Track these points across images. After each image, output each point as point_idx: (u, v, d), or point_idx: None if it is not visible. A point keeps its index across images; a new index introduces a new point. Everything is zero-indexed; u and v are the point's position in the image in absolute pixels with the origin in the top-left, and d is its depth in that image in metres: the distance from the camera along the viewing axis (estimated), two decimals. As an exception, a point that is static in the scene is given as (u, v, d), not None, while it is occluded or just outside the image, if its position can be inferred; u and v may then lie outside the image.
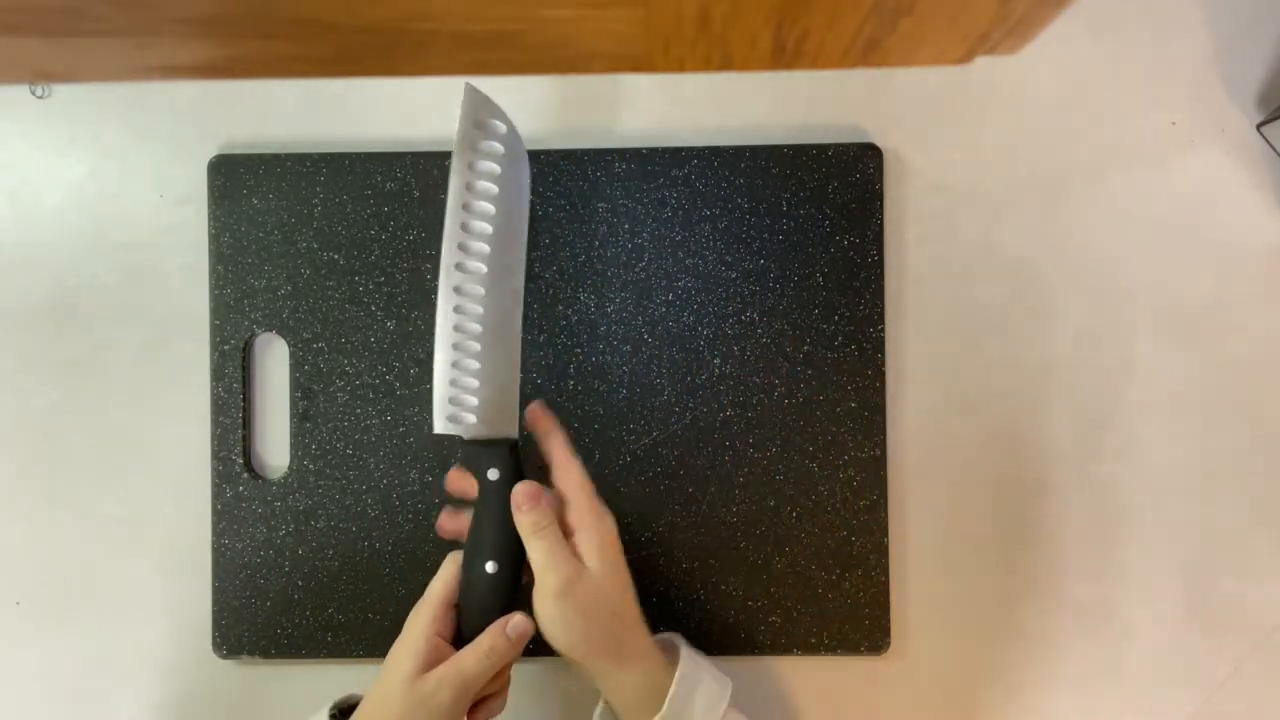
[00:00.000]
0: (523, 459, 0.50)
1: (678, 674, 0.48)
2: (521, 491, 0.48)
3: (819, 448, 0.56)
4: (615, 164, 0.57)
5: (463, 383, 0.49)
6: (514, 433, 0.50)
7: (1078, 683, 0.57)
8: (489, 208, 0.49)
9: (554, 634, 0.47)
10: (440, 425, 0.49)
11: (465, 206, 0.49)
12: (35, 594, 0.58)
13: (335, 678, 0.58)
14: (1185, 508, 0.57)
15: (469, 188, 0.49)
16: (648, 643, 0.49)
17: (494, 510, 0.49)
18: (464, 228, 0.49)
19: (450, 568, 0.50)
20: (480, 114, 0.49)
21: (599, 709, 0.50)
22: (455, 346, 0.49)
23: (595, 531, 0.48)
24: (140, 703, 0.58)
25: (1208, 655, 0.57)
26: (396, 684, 0.46)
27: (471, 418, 0.49)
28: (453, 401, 0.49)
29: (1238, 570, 0.57)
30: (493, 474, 0.49)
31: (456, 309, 0.49)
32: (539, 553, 0.47)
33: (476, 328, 0.49)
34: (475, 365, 0.49)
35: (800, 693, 0.57)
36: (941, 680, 0.57)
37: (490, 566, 0.49)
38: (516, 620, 0.48)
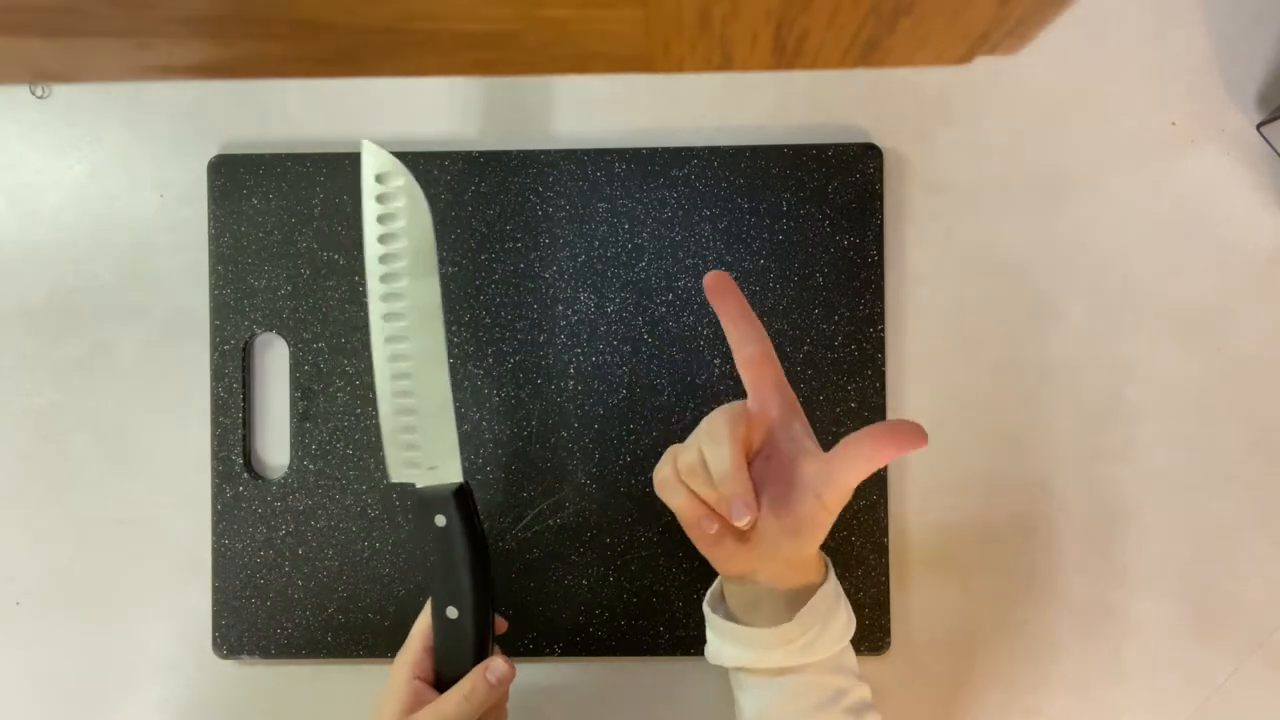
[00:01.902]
0: (473, 503, 0.49)
1: (821, 589, 0.46)
2: (910, 431, 0.45)
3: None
4: (615, 164, 0.57)
5: (401, 432, 0.50)
6: (457, 477, 0.49)
7: (1078, 683, 0.57)
8: (402, 260, 0.49)
9: (819, 530, 0.45)
10: (395, 475, 0.50)
11: (381, 259, 0.49)
12: (35, 594, 0.58)
13: (335, 678, 0.58)
14: (1185, 508, 0.57)
15: (381, 239, 0.49)
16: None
17: (445, 557, 0.49)
18: (383, 281, 0.49)
19: (427, 612, 0.50)
20: (380, 169, 0.49)
21: (714, 589, 0.50)
22: (391, 396, 0.49)
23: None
24: (140, 703, 0.58)
25: (1208, 655, 0.57)
26: None
27: (416, 467, 0.50)
28: (404, 451, 0.50)
29: (1238, 570, 0.57)
30: (440, 520, 0.49)
31: (392, 355, 0.49)
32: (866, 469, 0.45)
33: (406, 378, 0.49)
34: (410, 414, 0.49)
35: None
36: (941, 680, 0.57)
37: (451, 612, 0.49)
38: (495, 665, 0.48)
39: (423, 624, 0.50)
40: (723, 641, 0.48)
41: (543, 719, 0.58)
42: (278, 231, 0.57)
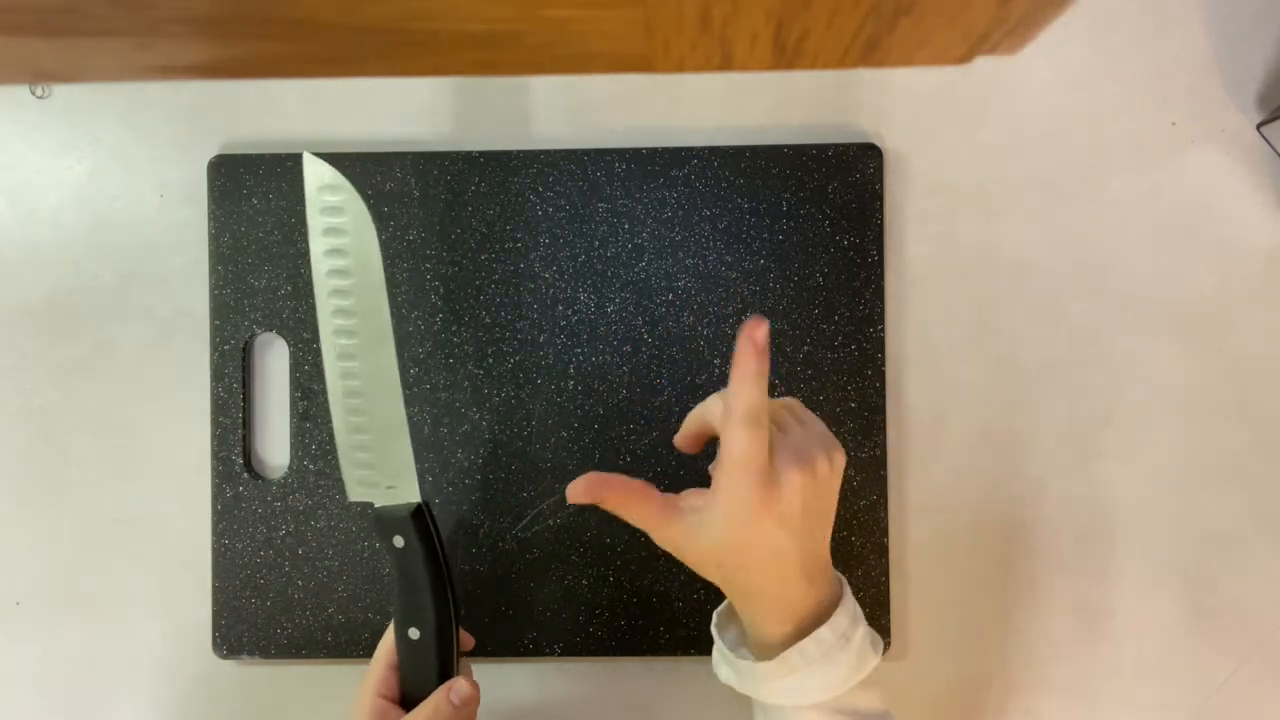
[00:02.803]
0: (433, 522, 0.49)
1: (815, 634, 0.42)
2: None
3: (819, 448, 0.56)
4: (615, 164, 0.57)
5: (356, 451, 0.49)
6: (415, 497, 0.49)
7: (1077, 683, 0.57)
8: (349, 275, 0.48)
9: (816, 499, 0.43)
10: (353, 494, 0.50)
11: (330, 274, 0.48)
12: (35, 594, 0.58)
13: (335, 678, 0.58)
14: (1185, 508, 0.57)
15: (328, 255, 0.48)
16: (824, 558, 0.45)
17: (404, 575, 0.49)
18: (333, 297, 0.48)
19: (392, 630, 0.50)
20: (323, 180, 0.48)
21: (722, 609, 0.48)
22: (344, 415, 0.49)
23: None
24: (140, 703, 0.58)
25: (1208, 655, 0.57)
26: None
27: (374, 486, 0.49)
28: (361, 470, 0.49)
29: (1238, 570, 0.57)
30: (398, 541, 0.48)
31: (342, 372, 0.48)
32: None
33: (358, 397, 0.49)
34: (364, 433, 0.49)
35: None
36: (941, 680, 0.57)
37: (413, 633, 0.48)
38: (459, 686, 0.48)
39: (387, 642, 0.50)
40: (721, 661, 0.46)
41: (543, 719, 0.58)
42: (278, 231, 0.57)
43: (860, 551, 0.56)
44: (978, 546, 0.58)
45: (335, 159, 0.57)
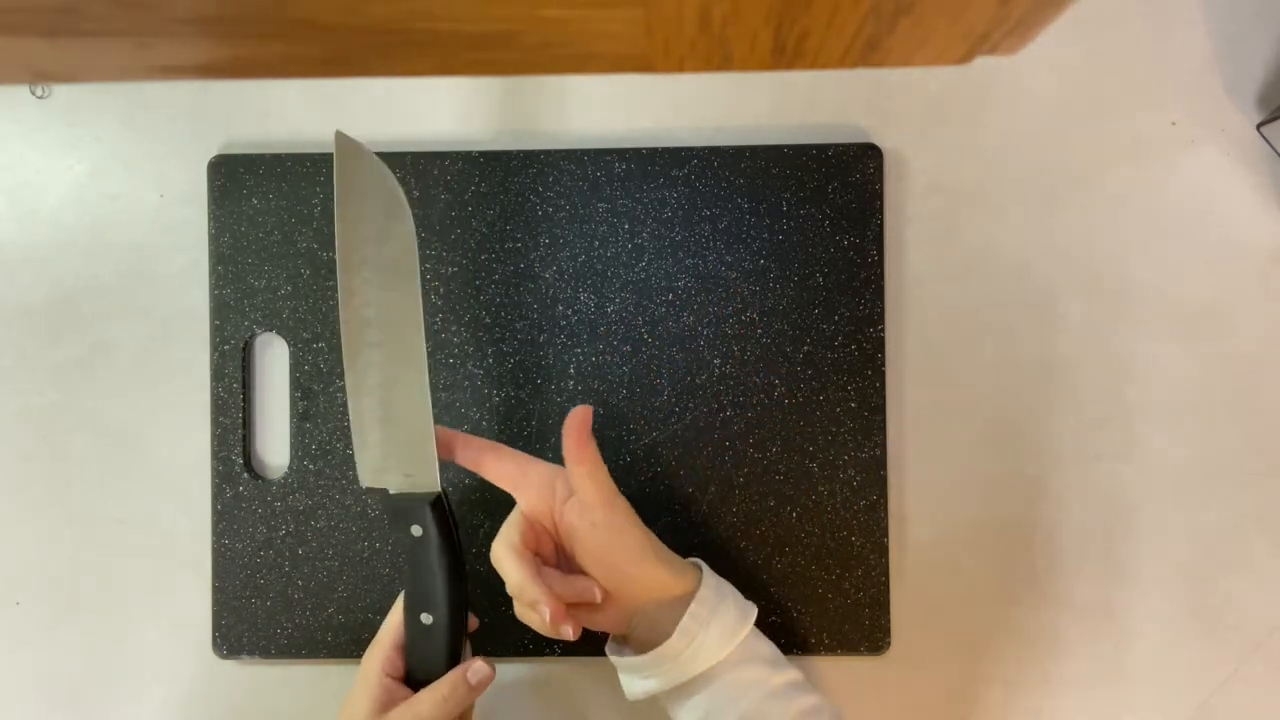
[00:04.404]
0: (451, 511, 0.49)
1: (698, 594, 0.47)
2: (580, 431, 0.47)
3: (819, 448, 0.56)
4: (615, 164, 0.57)
5: (375, 439, 0.48)
6: (435, 486, 0.48)
7: (1078, 683, 0.57)
8: (379, 256, 0.47)
9: (607, 537, 0.47)
10: (365, 479, 0.49)
11: (356, 259, 0.47)
12: (35, 594, 0.58)
13: (335, 678, 0.58)
14: (1185, 508, 0.57)
15: (355, 239, 0.47)
16: (670, 554, 0.50)
17: (423, 565, 0.48)
18: (357, 281, 0.47)
19: (398, 610, 0.50)
20: (354, 161, 0.47)
21: (609, 643, 0.51)
22: (366, 401, 0.48)
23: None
24: (140, 703, 0.58)
25: (1208, 655, 0.57)
26: None
27: (391, 474, 0.48)
28: (376, 457, 0.48)
29: (1238, 570, 0.57)
30: (416, 530, 0.48)
31: (365, 361, 0.48)
32: (597, 473, 0.47)
33: (385, 385, 0.48)
34: (387, 420, 0.48)
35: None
36: (941, 680, 0.57)
37: (425, 618, 0.48)
38: (477, 667, 0.48)
39: (393, 621, 0.49)
40: (629, 677, 0.49)
41: (543, 719, 0.58)
42: (278, 231, 0.57)
43: (860, 551, 0.56)
44: (978, 546, 0.58)
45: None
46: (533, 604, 0.46)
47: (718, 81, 0.59)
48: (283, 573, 0.57)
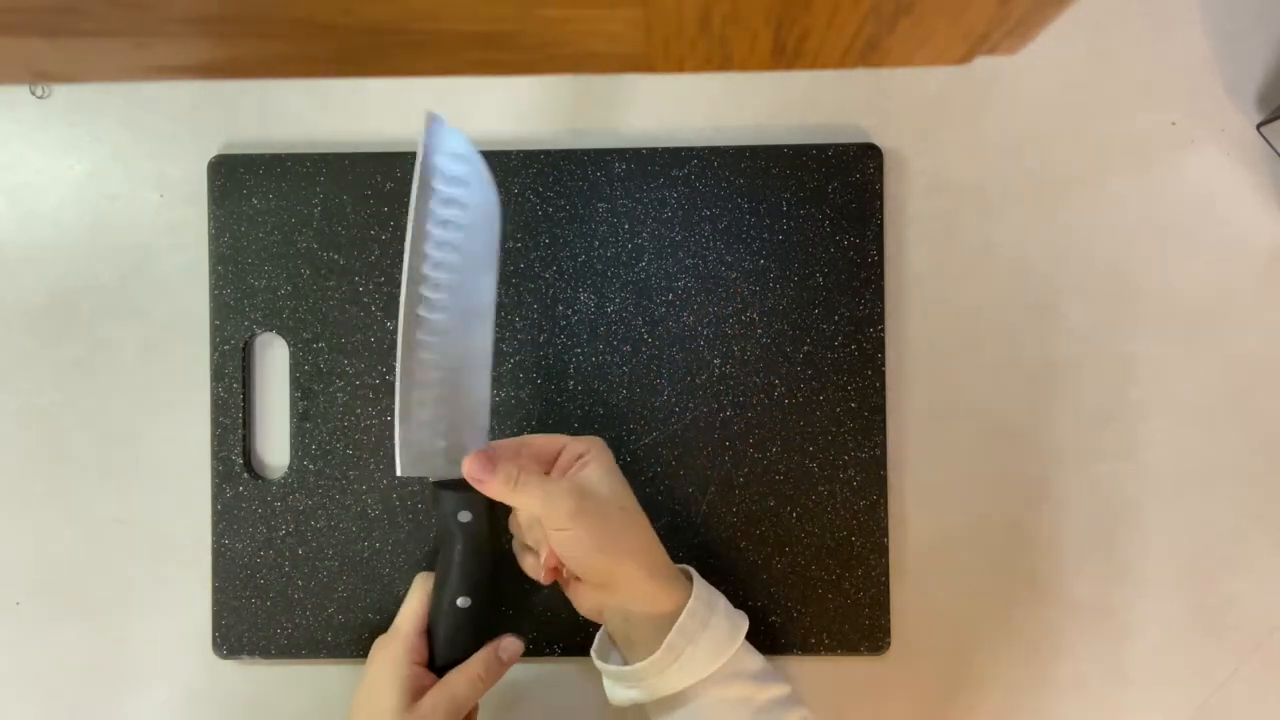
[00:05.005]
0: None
1: (686, 608, 0.46)
2: (471, 466, 0.46)
3: (819, 448, 0.56)
4: (615, 164, 0.57)
5: (429, 422, 0.47)
6: None
7: (1078, 683, 0.57)
8: (455, 236, 0.46)
9: (576, 551, 0.46)
10: (404, 468, 0.47)
11: (429, 237, 0.46)
12: (35, 594, 0.58)
13: (335, 678, 0.58)
14: (1185, 508, 0.57)
15: (432, 218, 0.46)
16: (664, 552, 0.49)
17: (466, 549, 0.48)
18: (428, 257, 0.46)
19: (418, 597, 0.49)
20: (444, 144, 0.46)
21: (599, 635, 0.50)
22: (421, 383, 0.47)
23: (592, 448, 0.48)
24: (140, 702, 0.58)
25: (1208, 655, 0.57)
26: (387, 713, 0.46)
27: (439, 460, 0.47)
28: (418, 442, 0.47)
29: (1238, 570, 0.57)
30: (464, 517, 0.48)
31: (423, 343, 0.46)
32: (534, 498, 0.45)
33: (445, 362, 0.47)
34: (444, 404, 0.47)
35: (800, 693, 0.57)
36: (941, 680, 0.57)
37: (462, 601, 0.48)
38: (509, 642, 0.48)
39: (414, 608, 0.49)
40: (612, 684, 0.48)
41: (543, 719, 0.58)
42: (278, 231, 0.57)
43: (860, 551, 0.56)
44: (978, 546, 0.58)
45: (335, 159, 0.57)
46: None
47: (718, 81, 0.59)
48: (283, 573, 0.57)
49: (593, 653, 0.50)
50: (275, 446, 0.58)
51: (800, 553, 0.56)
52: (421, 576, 0.51)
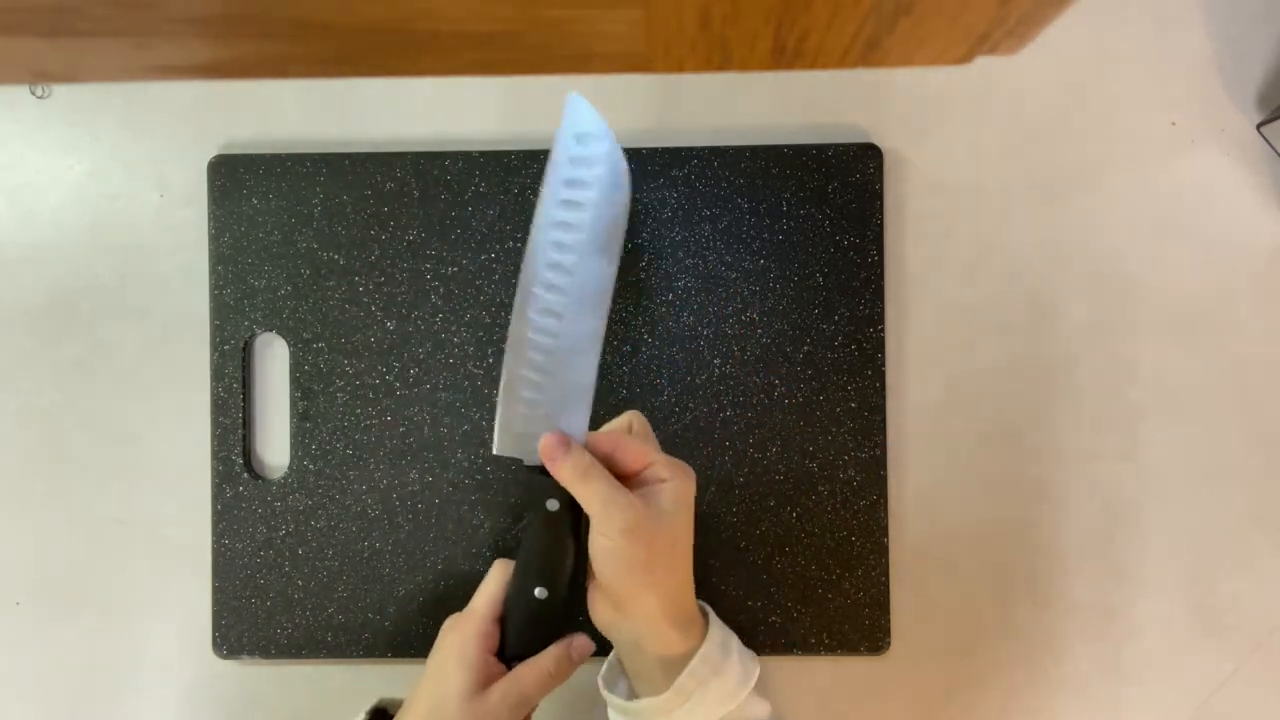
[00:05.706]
0: None
1: (700, 652, 0.45)
2: (547, 444, 0.45)
3: (819, 448, 0.56)
4: (615, 164, 0.57)
5: (531, 404, 0.46)
6: None
7: (1078, 683, 0.57)
8: (582, 233, 0.46)
9: (606, 562, 0.45)
10: (501, 446, 0.47)
11: (558, 225, 0.46)
12: (35, 594, 0.58)
13: (335, 678, 0.58)
14: (1185, 508, 0.57)
15: (565, 205, 0.46)
16: (692, 598, 0.48)
17: (551, 539, 0.47)
18: (555, 243, 0.46)
19: (497, 581, 0.48)
20: (581, 128, 0.46)
21: (608, 661, 0.49)
22: (531, 365, 0.46)
23: (676, 477, 0.46)
24: (140, 702, 0.58)
25: (1208, 655, 0.57)
26: (454, 698, 0.45)
27: (536, 443, 0.46)
28: (519, 424, 0.46)
29: (1238, 570, 0.57)
30: (552, 505, 0.47)
31: (535, 324, 0.46)
32: (595, 497, 0.44)
33: (555, 346, 0.46)
34: (548, 388, 0.46)
35: (800, 693, 0.57)
36: (942, 680, 0.57)
37: (540, 592, 0.47)
38: (581, 642, 0.48)
39: (491, 594, 0.48)
40: (616, 716, 0.48)
41: (543, 718, 0.58)
42: (278, 231, 0.57)
43: (860, 551, 0.56)
44: (978, 546, 0.58)
45: (335, 159, 0.57)
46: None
47: (718, 81, 0.59)
48: (283, 573, 0.57)
49: (599, 679, 0.49)
50: (275, 446, 0.58)
51: (800, 553, 0.56)
52: (501, 562, 0.49)
